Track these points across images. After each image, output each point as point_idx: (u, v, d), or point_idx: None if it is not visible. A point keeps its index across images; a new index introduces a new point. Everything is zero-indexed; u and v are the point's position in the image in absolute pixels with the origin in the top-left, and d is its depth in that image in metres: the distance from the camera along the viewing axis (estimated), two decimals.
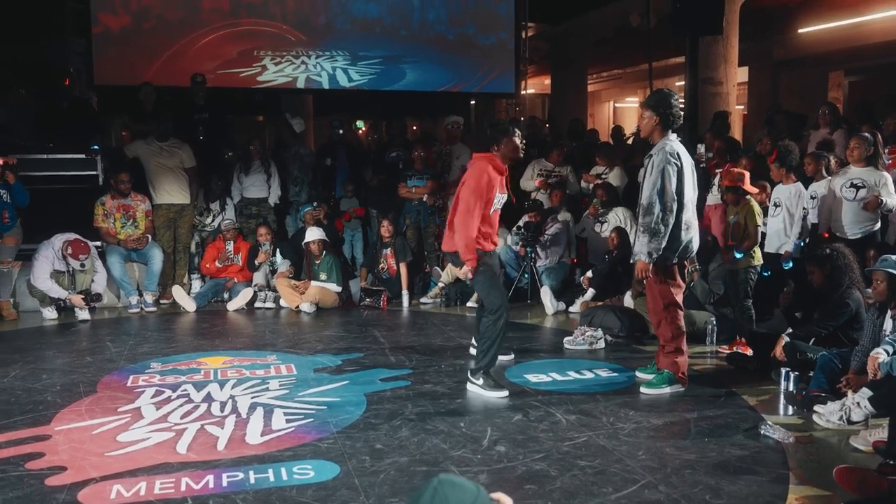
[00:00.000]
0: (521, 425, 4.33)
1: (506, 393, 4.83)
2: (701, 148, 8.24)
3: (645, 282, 4.99)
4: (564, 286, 8.08)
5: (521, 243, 7.89)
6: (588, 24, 15.88)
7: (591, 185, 8.66)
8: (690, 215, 4.89)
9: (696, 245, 5.01)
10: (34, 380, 5.29)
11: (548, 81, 18.39)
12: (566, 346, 6.15)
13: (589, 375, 5.35)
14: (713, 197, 7.55)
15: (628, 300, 6.98)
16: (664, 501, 3.37)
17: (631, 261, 5.07)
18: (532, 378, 5.26)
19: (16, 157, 7.53)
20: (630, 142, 11.79)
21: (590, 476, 3.62)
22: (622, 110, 22.05)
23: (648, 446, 4.01)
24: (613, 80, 19.85)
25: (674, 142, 4.86)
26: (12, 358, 5.90)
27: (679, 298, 5.00)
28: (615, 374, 5.39)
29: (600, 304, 7.17)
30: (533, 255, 7.88)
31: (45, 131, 8.87)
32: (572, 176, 8.98)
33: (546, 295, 7.60)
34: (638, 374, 5.29)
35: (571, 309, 7.58)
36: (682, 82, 14.88)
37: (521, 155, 5.13)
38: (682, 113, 5.24)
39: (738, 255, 6.11)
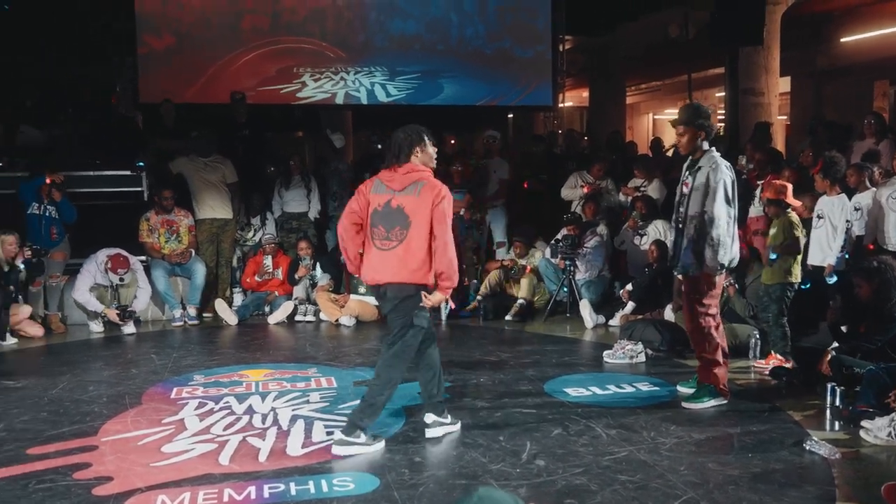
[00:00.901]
0: (560, 439, 4.31)
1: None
2: (742, 159, 8.16)
3: (682, 293, 4.95)
4: (604, 299, 8.03)
5: (559, 256, 7.86)
6: (626, 36, 15.83)
7: (630, 198, 8.61)
8: (736, 227, 4.88)
9: (738, 255, 4.97)
10: (81, 391, 5.41)
11: (586, 94, 18.34)
12: (606, 359, 6.10)
13: (629, 389, 5.30)
14: (755, 209, 7.46)
15: (669, 313, 6.93)
16: None
17: (676, 273, 5.03)
18: (571, 392, 5.23)
19: (63, 174, 7.70)
20: (670, 154, 11.71)
21: (631, 491, 3.59)
22: (661, 122, 21.87)
23: (690, 461, 3.97)
24: (652, 91, 19.73)
25: (718, 154, 4.85)
26: (60, 370, 6.04)
27: (717, 310, 4.95)
28: (656, 389, 5.34)
29: (640, 317, 7.11)
30: (572, 268, 7.84)
31: (91, 149, 9.09)
32: (613, 188, 8.94)
33: (585, 308, 7.56)
34: (679, 388, 5.23)
35: (611, 322, 7.53)
36: (723, 93, 14.77)
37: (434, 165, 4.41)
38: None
39: (772, 256, 5.99)
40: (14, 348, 6.93)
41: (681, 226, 4.91)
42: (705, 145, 4.86)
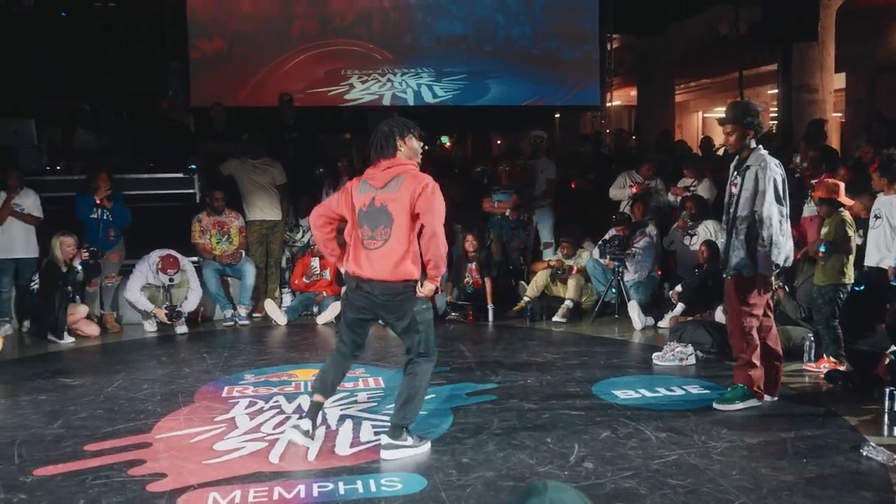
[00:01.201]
0: (609, 442, 4.27)
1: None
2: (796, 158, 7.99)
3: (728, 291, 4.86)
4: (653, 301, 7.94)
5: (608, 257, 7.79)
6: (675, 35, 15.63)
7: (680, 198, 8.50)
8: (788, 225, 4.78)
9: (792, 254, 4.86)
10: (136, 389, 5.53)
11: (633, 93, 18.16)
12: (655, 361, 6.03)
13: (679, 392, 5.23)
14: (809, 209, 7.30)
15: (720, 315, 6.81)
16: None
17: (725, 275, 4.94)
18: (620, 394, 5.18)
19: (110, 189, 7.83)
20: (720, 153, 11.53)
21: (681, 495, 3.54)
22: (711, 121, 21.54)
23: (742, 466, 3.90)
24: (701, 89, 19.45)
25: (766, 152, 4.76)
26: (116, 368, 6.19)
27: (761, 311, 4.86)
28: (706, 392, 5.24)
29: (690, 319, 7.01)
30: (620, 268, 7.77)
31: (145, 152, 9.29)
32: (662, 188, 8.83)
33: (634, 310, 7.48)
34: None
35: (660, 324, 7.44)
36: (775, 90, 14.49)
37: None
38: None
39: (821, 249, 5.83)
40: (71, 347, 7.11)
41: (731, 227, 4.82)
42: (753, 143, 4.78)
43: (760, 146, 4.79)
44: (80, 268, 7.37)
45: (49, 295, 7.20)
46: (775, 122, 14.90)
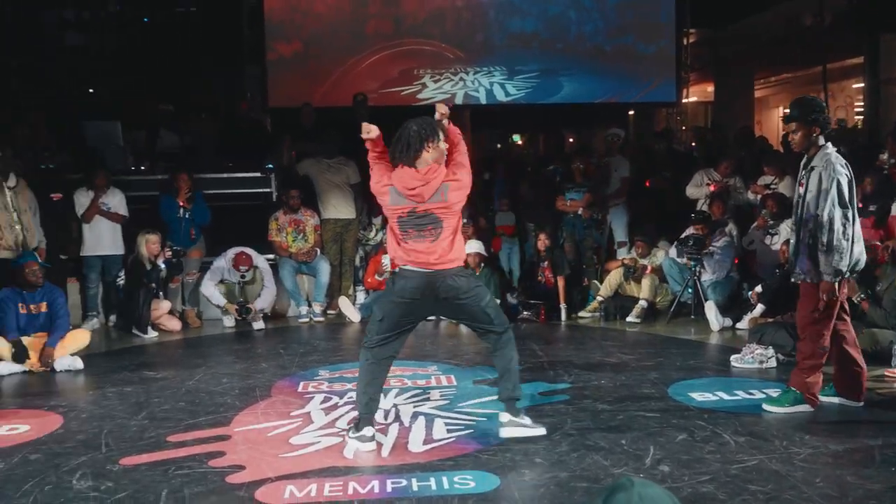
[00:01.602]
0: (685, 445, 4.18)
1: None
2: (883, 155, 7.67)
3: (800, 293, 4.67)
4: (731, 301, 7.74)
5: (685, 256, 7.63)
6: (754, 27, 15.19)
7: (760, 196, 8.26)
8: (858, 227, 4.58)
9: (864, 258, 4.66)
10: (216, 383, 5.67)
11: (711, 88, 17.72)
12: (734, 364, 5.87)
13: (759, 396, 5.06)
14: None
15: None
16: None
17: (793, 279, 4.75)
18: (697, 396, 5.06)
19: (189, 193, 8.05)
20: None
21: (762, 502, 3.44)
22: None
23: (827, 473, 3.76)
24: (782, 84, 18.84)
25: (834, 150, 4.55)
26: (196, 362, 6.37)
27: (832, 317, 4.65)
28: None
29: (770, 320, 6.80)
30: (698, 268, 7.59)
31: (224, 152, 9.54)
32: (741, 186, 8.60)
33: (711, 310, 7.31)
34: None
35: (738, 325, 7.25)
36: (861, 84, 13.94)
37: None
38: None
39: None
40: (154, 341, 7.35)
41: (798, 230, 4.65)
42: (820, 141, 4.56)
43: (829, 144, 4.58)
44: (163, 266, 7.61)
45: (134, 291, 7.47)
46: (861, 117, 14.35)
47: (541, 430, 4.26)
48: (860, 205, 7.20)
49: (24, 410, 5.12)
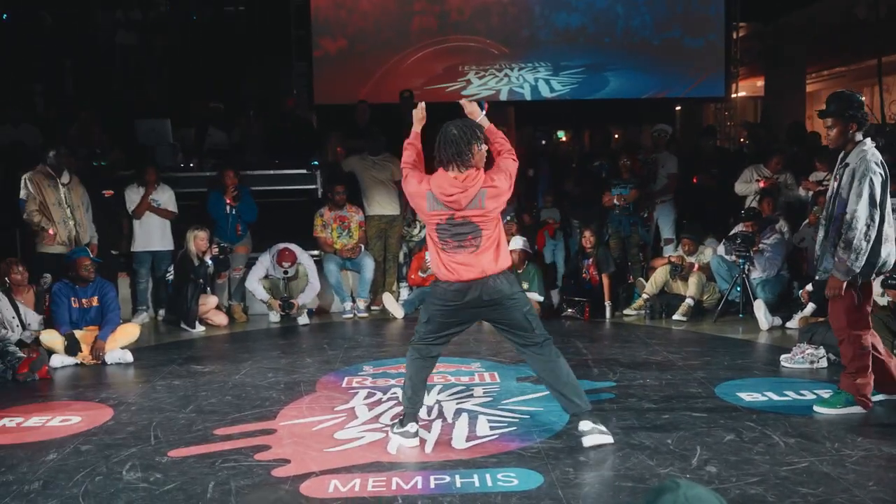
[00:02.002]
0: (733, 446, 4.10)
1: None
2: None
3: (831, 297, 4.55)
4: (781, 300, 7.58)
5: (734, 254, 7.50)
6: (806, 20, 14.84)
7: (811, 193, 8.08)
8: (889, 228, 4.44)
9: (892, 259, 4.52)
10: (261, 377, 5.74)
11: (760, 83, 17.36)
12: (783, 364, 5.75)
13: (810, 397, 4.95)
14: None
15: None
16: None
17: (818, 276, 4.66)
18: (745, 397, 4.97)
19: (235, 192, 8.15)
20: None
21: None
22: None
23: (880, 476, 3.66)
24: (835, 78, 18.36)
25: (871, 147, 4.43)
26: (242, 357, 6.45)
27: (867, 316, 4.56)
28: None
29: (822, 319, 6.64)
30: (747, 266, 7.45)
31: (271, 149, 9.64)
32: (792, 183, 8.42)
33: (760, 309, 7.18)
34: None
35: (788, 325, 7.11)
36: None
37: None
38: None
39: None
40: (202, 335, 7.47)
41: (826, 227, 4.55)
42: (857, 137, 4.45)
43: (867, 140, 4.45)
44: (210, 262, 7.72)
45: (182, 286, 7.60)
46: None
47: (610, 438, 4.12)
48: None
49: (76, 402, 5.24)
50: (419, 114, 4.35)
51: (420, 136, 4.33)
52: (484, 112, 4.30)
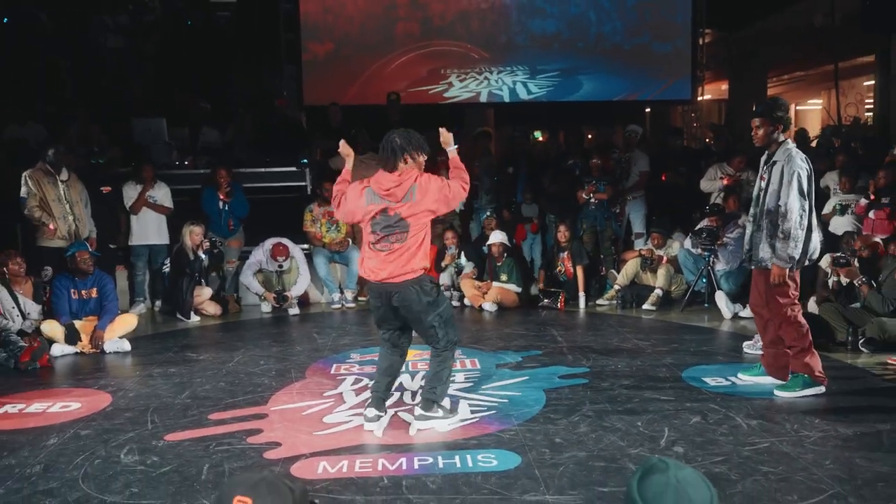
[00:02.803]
0: (699, 427, 4.14)
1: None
2: (894, 150, 7.52)
3: (771, 285, 4.63)
4: (743, 290, 7.62)
5: (699, 247, 7.54)
6: (768, 28, 14.94)
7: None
8: (815, 218, 4.61)
9: (820, 247, 4.70)
10: (254, 365, 5.71)
11: (724, 87, 17.47)
12: (746, 350, 5.80)
13: (770, 381, 5.00)
14: None
15: (812, 306, 6.51)
16: None
17: (753, 266, 4.79)
18: (710, 381, 5.01)
19: (228, 188, 8.10)
20: (814, 145, 10.98)
21: (773, 482, 3.40)
22: (804, 113, 20.52)
23: (836, 456, 3.70)
24: (795, 82, 18.52)
25: (794, 146, 4.62)
26: (236, 345, 6.42)
27: (797, 298, 4.68)
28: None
29: None
30: (711, 258, 7.51)
31: (261, 148, 9.58)
32: (754, 181, 8.46)
33: (721, 299, 7.23)
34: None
35: (742, 314, 7.14)
36: (872, 82, 13.68)
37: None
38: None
39: None
40: (197, 325, 7.42)
41: (758, 220, 4.70)
42: (781, 137, 4.64)
43: (788, 140, 4.66)
44: (204, 256, 7.67)
45: (178, 278, 7.54)
46: (870, 113, 14.09)
47: (455, 417, 4.27)
48: (872, 197, 7.12)
49: (76, 389, 5.19)
50: (345, 150, 4.59)
51: (350, 173, 4.52)
52: (455, 147, 4.42)
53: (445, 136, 4.41)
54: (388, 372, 4.38)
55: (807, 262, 4.66)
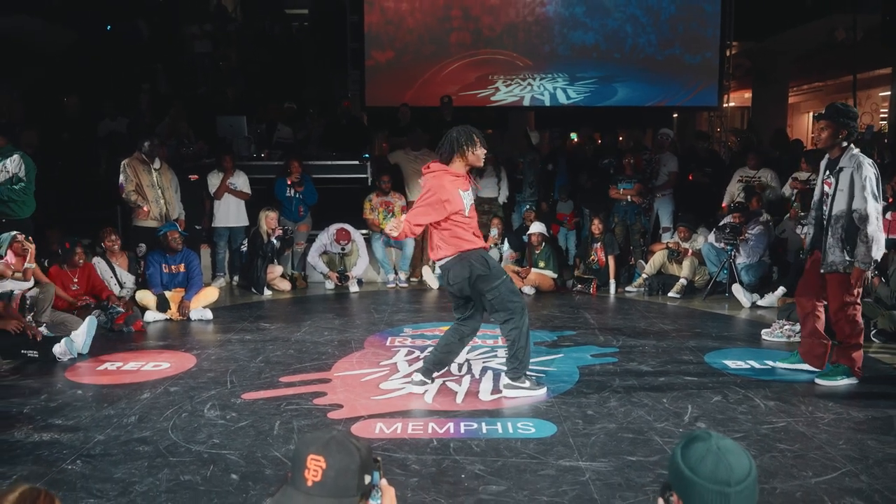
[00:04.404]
0: (720, 406, 4.04)
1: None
2: None
3: (830, 284, 4.39)
4: (761, 283, 7.44)
5: (723, 242, 7.36)
6: (792, 40, 14.45)
7: (795, 191, 7.88)
8: (882, 222, 4.33)
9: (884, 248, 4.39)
10: (318, 335, 5.76)
11: (748, 95, 16.99)
12: (764, 337, 5.65)
13: (807, 368, 4.84)
14: None
15: None
16: (866, 490, 2.99)
17: (823, 271, 4.40)
18: (731, 364, 4.89)
19: (298, 176, 8.15)
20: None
21: (789, 459, 3.30)
22: None
23: (849, 437, 3.58)
24: (814, 91, 17.93)
25: (859, 151, 4.30)
26: (303, 318, 6.48)
27: (859, 297, 4.43)
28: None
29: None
30: (733, 252, 7.32)
31: (329, 143, 9.63)
32: (773, 180, 8.22)
33: (738, 291, 7.05)
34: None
35: (760, 302, 6.95)
36: (888, 92, 13.14)
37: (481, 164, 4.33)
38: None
39: None
40: (269, 299, 7.52)
41: (826, 225, 4.35)
42: (844, 143, 4.30)
43: (852, 146, 4.29)
44: (276, 241, 7.76)
45: (254, 257, 7.64)
46: (885, 122, 13.55)
47: (426, 387, 4.26)
48: (890, 200, 6.85)
49: (166, 351, 5.31)
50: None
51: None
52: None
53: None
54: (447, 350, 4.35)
55: (871, 266, 4.37)
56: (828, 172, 4.40)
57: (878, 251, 4.21)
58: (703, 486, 1.42)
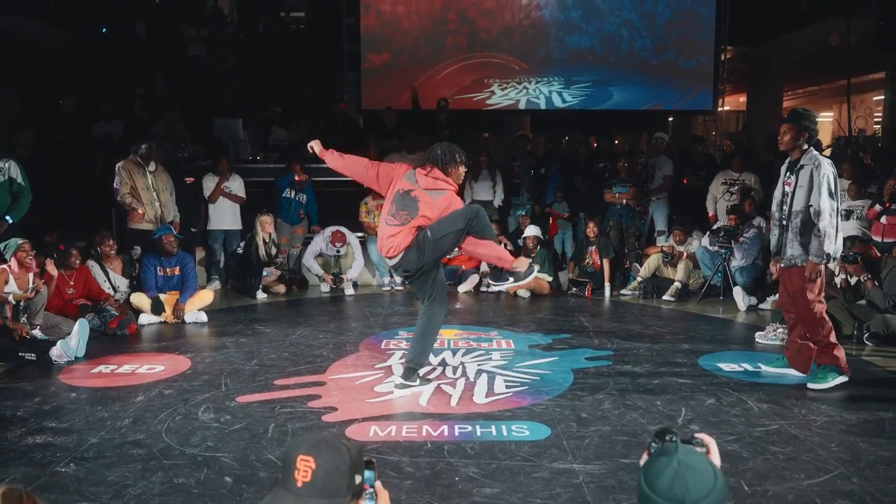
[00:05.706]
0: (713, 408, 4.06)
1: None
2: None
3: (782, 280, 4.47)
4: (755, 285, 7.47)
5: (717, 245, 7.39)
6: (786, 45, 14.51)
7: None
8: (838, 219, 4.41)
9: (842, 245, 4.52)
10: (314, 338, 5.76)
11: (743, 99, 17.04)
12: (758, 340, 5.67)
13: (792, 372, 4.85)
14: None
15: None
16: (858, 493, 3.01)
17: (783, 265, 4.52)
18: (724, 367, 4.91)
19: (305, 176, 8.19)
20: (828, 154, 10.64)
21: (782, 461, 3.32)
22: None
23: (841, 440, 3.60)
24: (809, 95, 17.99)
25: (818, 153, 4.47)
26: (298, 320, 6.48)
27: (822, 295, 4.49)
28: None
29: None
30: (727, 255, 7.35)
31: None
32: (756, 183, 8.26)
33: (738, 294, 7.07)
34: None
35: (761, 306, 7.00)
36: (881, 97, 13.21)
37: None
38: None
39: None
40: (264, 302, 7.51)
41: (786, 222, 4.48)
42: (805, 146, 4.43)
43: (812, 148, 4.45)
44: (274, 252, 7.78)
45: (249, 260, 7.63)
46: (878, 126, 13.62)
47: (424, 387, 4.36)
48: (887, 204, 6.89)
49: (161, 354, 5.30)
50: (318, 148, 4.89)
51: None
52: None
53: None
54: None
55: (826, 262, 4.44)
56: (788, 173, 4.54)
57: (831, 246, 4.30)
58: (655, 502, 1.39)
